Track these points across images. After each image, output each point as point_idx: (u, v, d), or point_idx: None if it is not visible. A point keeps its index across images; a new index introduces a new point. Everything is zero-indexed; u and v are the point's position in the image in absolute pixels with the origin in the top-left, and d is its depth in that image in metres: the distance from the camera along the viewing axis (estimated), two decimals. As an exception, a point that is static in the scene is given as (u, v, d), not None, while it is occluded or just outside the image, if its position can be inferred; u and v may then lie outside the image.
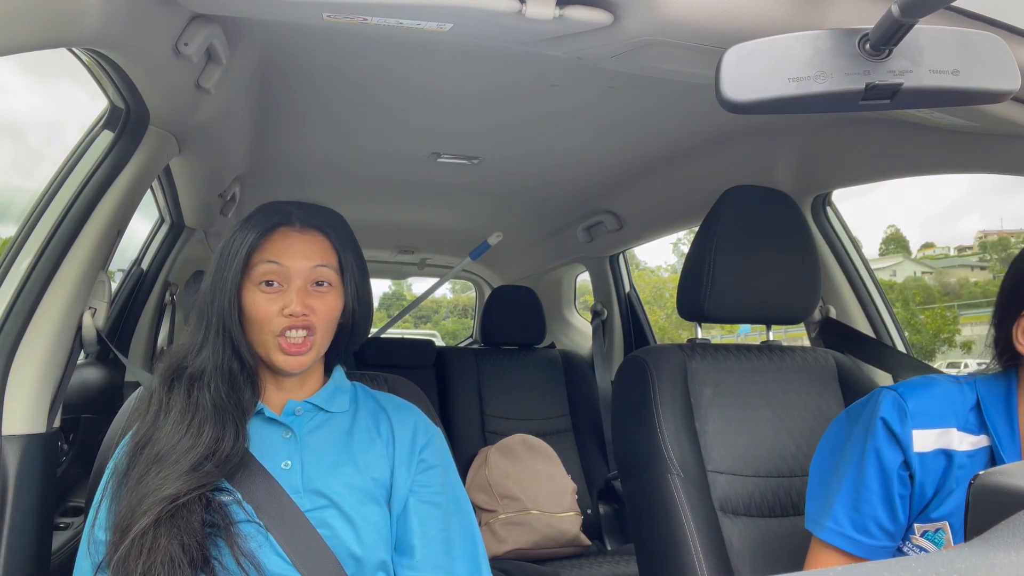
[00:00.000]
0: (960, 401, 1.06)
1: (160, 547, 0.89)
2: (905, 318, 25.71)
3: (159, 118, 1.34)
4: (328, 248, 1.11)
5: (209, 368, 1.04)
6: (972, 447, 1.03)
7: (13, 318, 1.17)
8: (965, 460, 1.03)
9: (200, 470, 0.96)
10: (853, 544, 1.04)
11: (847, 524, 1.04)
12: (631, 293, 3.20)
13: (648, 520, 1.35)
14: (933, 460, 1.02)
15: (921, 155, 1.53)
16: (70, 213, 1.26)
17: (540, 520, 2.38)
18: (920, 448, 1.02)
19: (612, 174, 2.38)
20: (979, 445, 1.04)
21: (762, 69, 0.72)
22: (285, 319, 1.04)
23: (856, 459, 1.05)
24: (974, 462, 1.03)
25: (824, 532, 1.06)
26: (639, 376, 1.41)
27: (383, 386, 1.29)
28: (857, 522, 1.03)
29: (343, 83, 1.66)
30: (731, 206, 1.47)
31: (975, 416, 1.05)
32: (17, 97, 14.76)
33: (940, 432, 1.03)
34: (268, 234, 1.08)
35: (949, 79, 0.73)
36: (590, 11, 0.97)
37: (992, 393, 1.06)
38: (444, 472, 1.13)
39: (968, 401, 1.06)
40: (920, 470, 1.02)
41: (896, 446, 1.03)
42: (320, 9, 0.97)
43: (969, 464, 1.03)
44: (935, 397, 1.06)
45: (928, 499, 1.03)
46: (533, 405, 2.87)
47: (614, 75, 1.38)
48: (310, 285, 1.07)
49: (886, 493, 1.03)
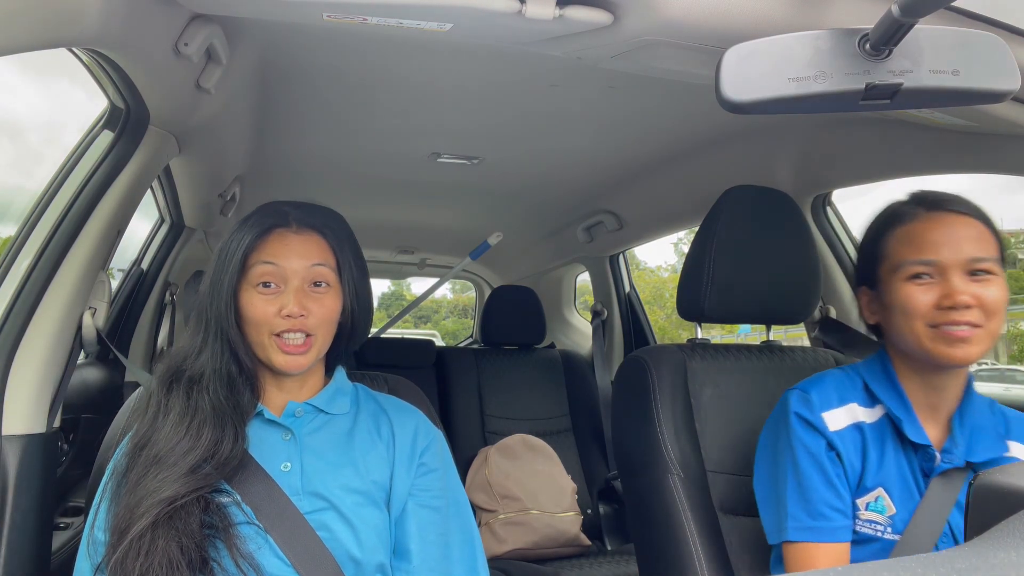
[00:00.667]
0: (851, 384, 1.17)
1: (158, 548, 0.89)
2: (905, 318, 25.62)
3: (159, 118, 1.34)
4: (325, 248, 1.10)
5: (208, 371, 1.04)
6: (875, 418, 1.14)
7: (13, 318, 1.17)
8: (873, 429, 1.13)
9: (199, 472, 0.96)
10: (815, 532, 1.09)
11: (804, 516, 1.09)
12: (631, 293, 3.20)
13: (648, 520, 1.35)
14: (849, 435, 1.12)
15: (921, 155, 1.53)
16: (70, 213, 1.26)
17: (540, 520, 2.38)
18: (834, 427, 1.12)
19: (612, 174, 2.38)
20: (879, 415, 1.15)
21: (762, 69, 0.72)
22: (283, 320, 1.04)
23: (788, 459, 1.13)
24: (881, 430, 1.14)
25: (788, 533, 1.10)
26: (639, 376, 1.41)
27: (383, 386, 1.29)
28: (811, 511, 1.09)
29: (343, 83, 1.66)
30: (731, 206, 1.47)
31: (867, 393, 1.16)
32: (15, 96, 14.79)
33: (845, 409, 1.14)
34: (264, 235, 1.07)
35: (949, 79, 0.73)
36: (590, 11, 0.97)
37: (872, 372, 1.18)
38: (444, 476, 1.13)
39: (857, 383, 1.17)
40: (842, 447, 1.11)
41: (815, 432, 1.12)
42: (320, 9, 0.97)
43: (877, 432, 1.14)
44: (831, 384, 1.17)
45: (859, 472, 1.11)
46: (533, 405, 2.87)
47: (614, 75, 1.38)
48: (307, 286, 1.07)
49: (824, 476, 1.10)
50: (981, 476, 0.44)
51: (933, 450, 1.10)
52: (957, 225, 1.08)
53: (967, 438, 1.10)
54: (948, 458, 1.09)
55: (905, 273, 1.09)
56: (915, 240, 1.09)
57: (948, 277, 1.05)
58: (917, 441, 1.10)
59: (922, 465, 1.11)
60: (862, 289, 1.21)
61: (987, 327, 1.05)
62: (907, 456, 1.12)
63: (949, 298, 1.04)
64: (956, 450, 1.09)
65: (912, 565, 0.33)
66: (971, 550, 0.35)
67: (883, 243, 1.15)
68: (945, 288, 1.05)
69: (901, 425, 1.11)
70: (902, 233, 1.12)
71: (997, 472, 0.44)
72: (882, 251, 1.14)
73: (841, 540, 1.08)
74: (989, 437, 1.11)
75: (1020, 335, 29.41)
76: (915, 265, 1.08)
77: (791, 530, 1.09)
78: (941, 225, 1.08)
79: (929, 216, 1.10)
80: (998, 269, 1.07)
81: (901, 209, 1.15)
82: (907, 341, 1.10)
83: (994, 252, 1.07)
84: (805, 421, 1.13)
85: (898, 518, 1.09)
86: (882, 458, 1.12)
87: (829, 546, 1.07)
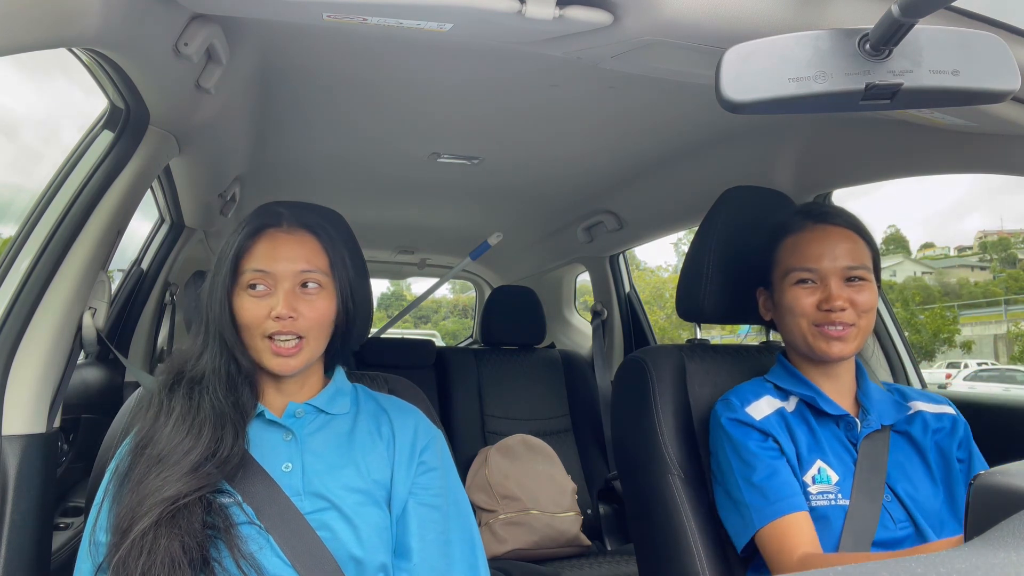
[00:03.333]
0: (760, 386, 1.31)
1: (160, 548, 0.89)
2: (905, 318, 25.71)
3: (159, 118, 1.34)
4: (317, 249, 1.10)
5: (208, 372, 1.05)
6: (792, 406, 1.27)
7: (13, 318, 1.17)
8: (794, 414, 1.26)
9: (200, 471, 0.96)
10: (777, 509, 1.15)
11: (763, 503, 1.17)
12: (631, 293, 3.20)
13: (648, 520, 1.35)
14: (775, 420, 1.24)
15: (921, 155, 1.53)
16: (70, 213, 1.26)
17: (540, 520, 2.38)
18: (759, 416, 1.24)
19: (612, 174, 2.38)
20: (795, 402, 1.28)
21: (762, 69, 0.72)
22: (273, 322, 1.04)
23: (734, 461, 1.22)
24: (800, 412, 1.26)
25: (755, 524, 1.16)
26: (638, 377, 1.41)
27: (383, 386, 1.29)
28: (767, 495, 1.16)
29: (343, 83, 1.66)
30: (730, 206, 1.47)
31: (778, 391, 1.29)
32: (13, 95, 14.73)
33: (764, 400, 1.27)
34: (255, 237, 1.07)
35: (949, 79, 0.73)
36: (590, 11, 0.97)
37: (776, 375, 1.32)
38: (444, 475, 1.13)
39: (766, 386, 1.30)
40: (772, 431, 1.22)
41: (745, 427, 1.23)
42: (320, 9, 0.97)
43: (798, 415, 1.26)
44: (745, 387, 1.31)
45: (794, 450, 1.22)
46: (533, 405, 2.87)
47: (614, 75, 1.38)
48: (298, 288, 1.06)
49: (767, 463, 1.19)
50: (981, 476, 0.44)
51: (852, 418, 1.25)
52: (836, 237, 1.24)
53: (876, 408, 1.25)
54: (868, 422, 1.24)
55: (792, 279, 1.25)
56: (801, 249, 1.25)
57: (827, 283, 1.22)
58: (834, 412, 1.24)
59: (847, 435, 1.24)
60: (759, 290, 1.37)
61: (859, 325, 1.22)
62: (831, 430, 1.25)
63: (827, 301, 1.20)
64: (871, 416, 1.24)
65: (912, 565, 0.33)
66: (971, 550, 0.35)
67: (775, 251, 1.30)
68: (825, 292, 1.21)
69: (816, 403, 1.25)
70: (791, 243, 1.28)
71: (997, 472, 0.44)
72: (774, 258, 1.30)
73: (802, 508, 1.15)
74: (893, 405, 1.28)
75: (1020, 335, 29.37)
76: (800, 271, 1.24)
77: (756, 520, 1.16)
78: (823, 237, 1.24)
79: (814, 228, 1.26)
80: (870, 276, 1.24)
81: (790, 220, 1.30)
82: (794, 336, 1.27)
83: (867, 261, 1.24)
84: (734, 421, 1.24)
85: (842, 484, 1.19)
86: (811, 434, 1.24)
87: (793, 516, 1.14)
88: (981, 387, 14.18)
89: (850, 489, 1.19)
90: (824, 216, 1.27)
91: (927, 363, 24.67)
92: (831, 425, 1.26)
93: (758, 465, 1.19)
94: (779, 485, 1.17)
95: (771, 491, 1.16)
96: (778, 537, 1.14)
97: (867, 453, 1.22)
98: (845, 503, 1.17)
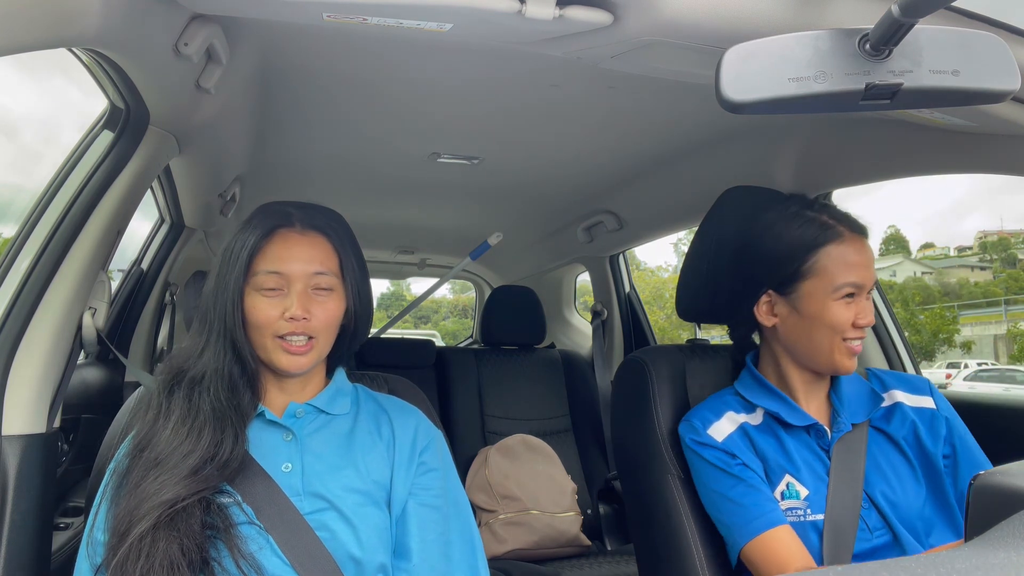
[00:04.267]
0: (722, 401, 1.28)
1: (159, 550, 0.89)
2: (905, 318, 25.71)
3: (159, 118, 1.34)
4: (329, 251, 1.10)
5: (209, 372, 1.04)
6: (758, 419, 1.25)
7: (13, 318, 1.17)
8: (759, 429, 1.24)
9: (200, 474, 0.96)
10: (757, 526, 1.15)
11: (743, 520, 1.16)
12: (631, 293, 3.20)
13: (648, 520, 1.35)
14: (738, 438, 1.22)
15: (921, 155, 1.53)
16: (70, 213, 1.26)
17: (540, 520, 2.38)
18: (721, 437, 1.23)
19: (612, 174, 2.38)
20: (761, 415, 1.26)
21: (762, 69, 0.72)
22: (287, 323, 1.04)
23: (709, 479, 1.22)
24: (767, 425, 1.25)
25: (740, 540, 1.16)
26: (638, 377, 1.41)
27: (383, 387, 1.29)
28: (747, 513, 1.16)
29: (343, 83, 1.66)
30: (730, 207, 1.47)
31: (743, 401, 1.28)
32: (12, 94, 14.63)
33: (725, 418, 1.25)
34: (269, 236, 1.07)
35: (949, 79, 0.73)
36: (590, 11, 0.97)
37: (743, 384, 1.30)
38: (444, 475, 1.13)
39: (728, 398, 1.29)
40: (737, 450, 1.21)
41: (710, 448, 1.22)
42: (320, 9, 0.97)
43: (765, 428, 1.24)
44: (704, 406, 1.29)
45: (762, 468, 1.21)
46: (533, 405, 2.87)
47: (614, 75, 1.38)
48: (311, 289, 1.07)
49: (740, 480, 1.19)
50: (981, 476, 0.44)
51: (821, 425, 1.23)
52: (866, 249, 1.22)
53: (847, 407, 1.23)
54: (838, 425, 1.22)
55: (839, 293, 1.18)
56: (850, 261, 1.19)
57: (862, 297, 1.19)
58: (800, 424, 1.22)
59: (819, 443, 1.22)
60: (768, 292, 1.28)
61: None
62: (802, 439, 1.23)
63: (863, 316, 1.18)
64: (841, 418, 1.22)
65: (912, 565, 0.33)
66: (971, 550, 0.35)
67: (811, 258, 1.20)
68: (859, 307, 1.19)
69: (781, 416, 1.23)
70: (837, 252, 1.19)
71: (997, 472, 0.44)
72: (811, 266, 1.20)
73: (782, 523, 1.15)
74: (867, 397, 1.25)
75: (1020, 335, 29.38)
76: (849, 287, 1.18)
77: (739, 537, 1.16)
78: (861, 248, 1.20)
79: (852, 238, 1.21)
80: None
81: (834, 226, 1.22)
82: (816, 350, 1.21)
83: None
84: (698, 443, 1.24)
85: (813, 498, 1.18)
86: (779, 447, 1.22)
87: (774, 531, 1.13)
88: (981, 387, 14.18)
89: (821, 504, 1.16)
90: (856, 226, 1.23)
91: (927, 363, 24.67)
92: (801, 435, 1.23)
93: (733, 482, 1.18)
94: (757, 501, 1.16)
95: (750, 507, 1.16)
96: (764, 553, 1.13)
97: (841, 458, 1.18)
98: (815, 518, 1.16)
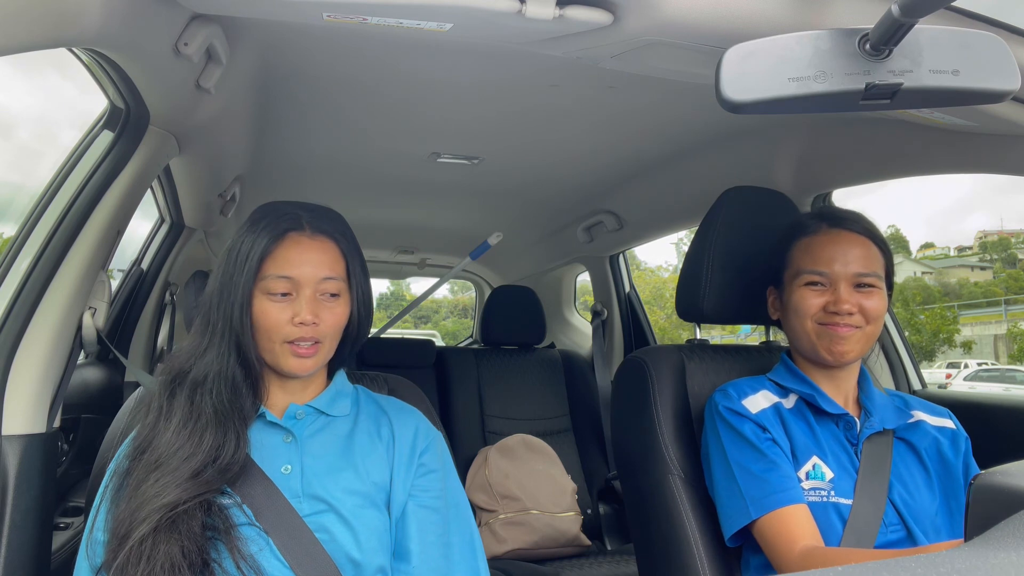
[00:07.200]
0: (759, 382, 1.31)
1: (160, 553, 0.89)
2: (905, 318, 25.69)
3: (159, 118, 1.34)
4: (338, 256, 1.10)
5: (212, 373, 1.03)
6: (791, 403, 1.28)
7: (13, 318, 1.17)
8: (792, 411, 1.26)
9: (200, 477, 0.95)
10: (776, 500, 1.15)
11: (761, 493, 1.16)
12: (631, 293, 3.20)
13: (648, 520, 1.35)
14: (771, 414, 1.25)
15: (921, 155, 1.53)
16: (70, 213, 1.26)
17: (540, 520, 2.38)
18: (755, 410, 1.25)
19: (612, 174, 2.38)
20: (794, 400, 1.28)
21: (762, 69, 0.72)
22: (296, 328, 1.03)
23: (731, 450, 1.22)
24: (799, 409, 1.27)
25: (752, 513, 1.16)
26: (638, 377, 1.41)
27: (383, 386, 1.29)
28: (766, 486, 1.16)
29: (343, 83, 1.66)
30: (730, 206, 1.47)
31: (777, 387, 1.30)
32: (11, 93, 14.66)
33: (761, 394, 1.27)
34: (279, 240, 1.06)
35: (949, 79, 0.73)
36: (590, 11, 0.97)
37: (777, 373, 1.32)
38: (444, 477, 1.12)
39: (764, 382, 1.31)
40: (769, 425, 1.23)
41: (742, 418, 1.23)
42: (320, 9, 0.97)
43: (796, 411, 1.26)
44: (742, 381, 1.31)
45: (788, 446, 1.22)
46: (533, 405, 2.87)
47: (614, 75, 1.38)
48: (319, 294, 1.06)
49: (765, 454, 1.19)
50: (981, 476, 0.44)
51: (852, 417, 1.24)
52: (849, 242, 1.24)
53: (879, 411, 1.25)
54: (870, 423, 1.23)
55: (801, 280, 1.25)
56: (813, 252, 1.25)
57: (837, 287, 1.22)
58: (833, 411, 1.24)
59: (847, 435, 1.24)
60: (770, 289, 1.37)
61: (865, 330, 1.22)
62: (830, 429, 1.25)
63: (835, 304, 1.21)
64: (873, 418, 1.24)
65: (912, 565, 0.33)
66: (971, 550, 0.35)
67: (788, 251, 1.30)
68: (833, 295, 1.22)
69: (815, 401, 1.25)
70: (804, 244, 1.27)
71: (997, 472, 0.44)
72: (786, 258, 1.30)
73: (801, 501, 1.15)
74: (895, 410, 1.28)
75: (1020, 335, 29.31)
76: (810, 274, 1.24)
77: (753, 509, 1.16)
78: (836, 241, 1.24)
79: (828, 232, 1.25)
80: (881, 283, 1.24)
81: (806, 222, 1.30)
82: (799, 337, 1.27)
83: (879, 269, 1.24)
84: (731, 411, 1.25)
85: (837, 481, 1.19)
86: (808, 431, 1.24)
87: (793, 507, 1.14)
88: (981, 387, 14.18)
89: (845, 488, 1.18)
90: (840, 220, 1.27)
91: (927, 363, 24.66)
92: (830, 424, 1.25)
93: (757, 457, 1.19)
94: (780, 477, 1.17)
95: (772, 482, 1.16)
96: (778, 528, 1.13)
97: (870, 455, 1.21)
98: (837, 500, 1.17)
